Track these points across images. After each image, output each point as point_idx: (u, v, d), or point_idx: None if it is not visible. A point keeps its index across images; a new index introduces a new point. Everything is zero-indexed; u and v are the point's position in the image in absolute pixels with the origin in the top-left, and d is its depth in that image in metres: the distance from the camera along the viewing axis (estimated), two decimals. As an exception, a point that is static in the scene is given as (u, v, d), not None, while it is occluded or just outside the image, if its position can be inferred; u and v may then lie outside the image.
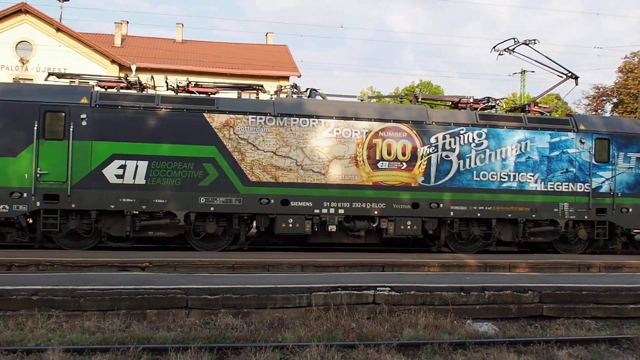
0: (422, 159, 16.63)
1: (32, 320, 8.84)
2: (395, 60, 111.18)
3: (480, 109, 17.91)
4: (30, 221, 15.32)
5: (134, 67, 32.40)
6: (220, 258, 13.81)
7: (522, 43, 18.50)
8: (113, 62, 34.60)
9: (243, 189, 15.71)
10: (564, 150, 17.51)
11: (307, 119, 16.10)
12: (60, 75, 16.64)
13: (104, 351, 7.68)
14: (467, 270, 14.36)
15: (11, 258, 12.91)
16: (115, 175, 15.12)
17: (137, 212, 15.42)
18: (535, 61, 18.77)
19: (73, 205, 14.94)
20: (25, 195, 14.70)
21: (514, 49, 18.65)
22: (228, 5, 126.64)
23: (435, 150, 16.72)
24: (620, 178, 17.85)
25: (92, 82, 16.54)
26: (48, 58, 32.79)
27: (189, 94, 16.48)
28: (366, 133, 16.38)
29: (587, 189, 17.59)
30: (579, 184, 17.56)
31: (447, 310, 10.26)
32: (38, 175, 14.73)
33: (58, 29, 34.13)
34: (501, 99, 18.80)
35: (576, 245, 18.04)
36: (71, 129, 14.90)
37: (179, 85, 16.59)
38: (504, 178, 17.12)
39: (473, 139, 16.92)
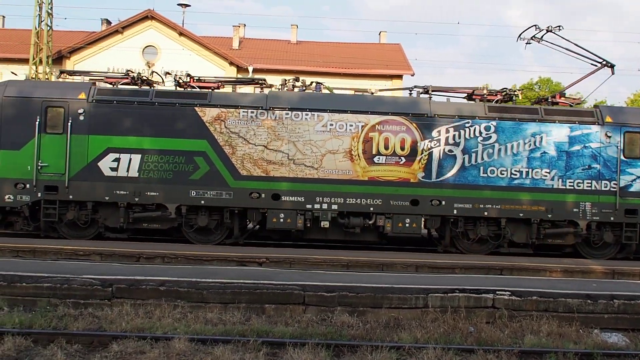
0: (422, 153, 15.70)
1: (159, 310, 9.28)
2: (513, 56, 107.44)
3: (495, 101, 16.67)
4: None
5: (250, 69, 33.35)
6: (334, 256, 13.86)
7: (546, 30, 17.03)
8: (231, 63, 35.35)
9: (233, 182, 15.59)
10: (586, 145, 15.83)
11: (299, 113, 15.68)
12: (70, 73, 17.50)
13: (225, 342, 7.91)
14: (593, 276, 13.46)
15: (140, 250, 13.66)
16: (110, 168, 15.53)
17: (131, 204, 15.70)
18: (566, 49, 17.24)
19: (71, 197, 15.50)
20: (28, 186, 15.44)
21: (542, 37, 17.18)
22: (340, 5, 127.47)
23: (438, 144, 15.72)
24: None
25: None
26: (172, 61, 34.06)
27: (183, 89, 16.62)
28: (362, 126, 15.72)
29: (614, 188, 15.78)
30: (604, 181, 15.80)
31: (572, 318, 9.75)
32: (39, 167, 15.44)
33: (181, 34, 35.55)
34: (519, 90, 17.28)
35: (604, 249, 16.22)
36: (69, 124, 15.49)
37: (180, 80, 16.73)
38: (515, 174, 15.76)
39: (480, 133, 15.75)
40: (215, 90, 16.46)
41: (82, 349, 7.76)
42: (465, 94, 17.31)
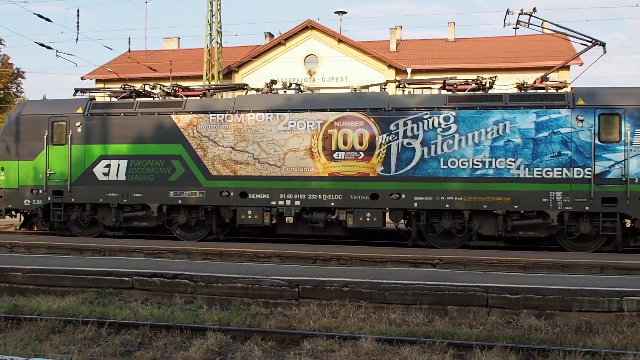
0: (381, 147, 15.53)
1: (344, 310, 9.46)
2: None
3: (469, 90, 16.00)
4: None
5: (409, 70, 33.08)
6: (511, 257, 13.45)
7: (522, 13, 16.13)
8: (390, 66, 34.56)
9: (206, 182, 16.51)
10: (555, 131, 14.71)
11: (262, 114, 16.24)
12: (84, 90, 19.14)
13: (411, 343, 7.89)
14: None
15: (316, 252, 14.19)
16: (103, 173, 17.18)
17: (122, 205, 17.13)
18: (554, 32, 16.50)
19: (73, 200, 17.36)
20: (40, 191, 17.55)
21: (529, 20, 16.20)
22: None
23: (396, 137, 15.46)
24: (638, 161, 14.36)
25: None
26: (331, 68, 35.08)
27: (163, 99, 17.86)
28: (321, 124, 15.90)
29: (589, 175, 14.53)
30: (576, 169, 14.61)
31: None
32: (48, 174, 17.51)
33: (340, 41, 36.10)
34: (491, 77, 16.23)
35: (587, 241, 14.97)
36: (70, 135, 17.39)
37: (166, 90, 18.05)
38: (478, 165, 15.07)
39: (439, 124, 15.24)
40: (189, 98, 17.54)
41: (276, 345, 8.08)
42: (439, 86, 16.81)
